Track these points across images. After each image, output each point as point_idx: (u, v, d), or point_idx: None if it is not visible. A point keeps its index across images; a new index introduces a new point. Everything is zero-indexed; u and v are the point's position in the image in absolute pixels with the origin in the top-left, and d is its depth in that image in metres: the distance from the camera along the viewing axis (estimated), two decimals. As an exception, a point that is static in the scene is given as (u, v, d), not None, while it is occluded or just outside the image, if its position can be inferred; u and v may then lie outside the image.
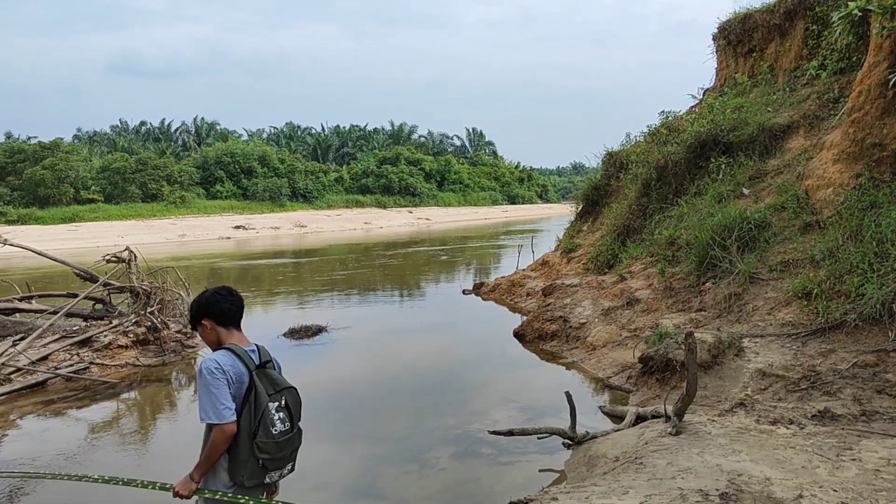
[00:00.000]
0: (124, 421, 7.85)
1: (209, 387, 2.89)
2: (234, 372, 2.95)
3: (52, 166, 52.79)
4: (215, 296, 3.18)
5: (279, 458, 3.02)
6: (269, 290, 18.53)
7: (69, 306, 10.57)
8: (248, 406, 2.93)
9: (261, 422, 2.93)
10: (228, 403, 2.89)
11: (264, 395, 2.97)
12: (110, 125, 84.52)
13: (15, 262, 19.82)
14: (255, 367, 3.02)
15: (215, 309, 3.15)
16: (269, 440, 2.96)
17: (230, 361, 2.97)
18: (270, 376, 3.08)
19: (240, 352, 3.03)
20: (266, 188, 61.17)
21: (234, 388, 2.93)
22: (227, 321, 3.15)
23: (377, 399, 8.20)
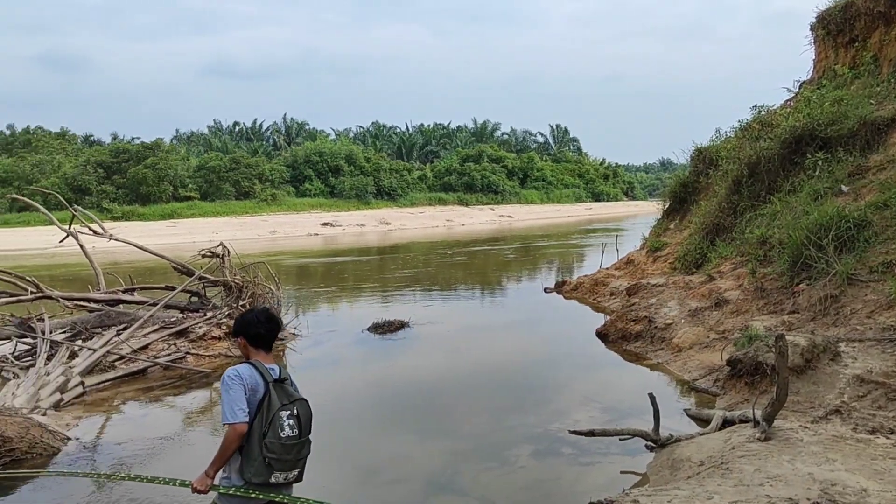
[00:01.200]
0: (217, 409, 8.20)
1: (228, 390, 3.24)
2: (250, 381, 3.28)
3: (153, 165, 55.58)
4: (255, 320, 3.50)
5: (284, 459, 3.28)
6: (354, 286, 18.94)
7: (167, 298, 11.12)
8: (261, 411, 3.25)
9: (271, 425, 3.24)
10: (243, 406, 3.22)
11: (276, 403, 3.28)
12: (206, 125, 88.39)
13: (119, 256, 21.03)
14: (272, 380, 3.34)
15: (251, 331, 3.48)
16: (277, 441, 3.24)
17: (248, 372, 3.32)
18: (286, 390, 3.40)
19: (260, 367, 3.36)
20: (352, 186, 62.46)
21: (248, 394, 3.25)
22: (258, 344, 3.48)
23: (457, 395, 8.27)
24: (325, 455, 6.32)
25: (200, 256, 11.91)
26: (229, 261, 11.67)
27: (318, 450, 6.36)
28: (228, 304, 11.13)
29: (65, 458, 6.30)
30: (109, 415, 7.71)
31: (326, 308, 15.53)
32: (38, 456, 6.20)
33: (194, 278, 11.50)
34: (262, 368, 3.36)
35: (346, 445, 6.58)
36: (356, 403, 8.00)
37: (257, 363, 3.38)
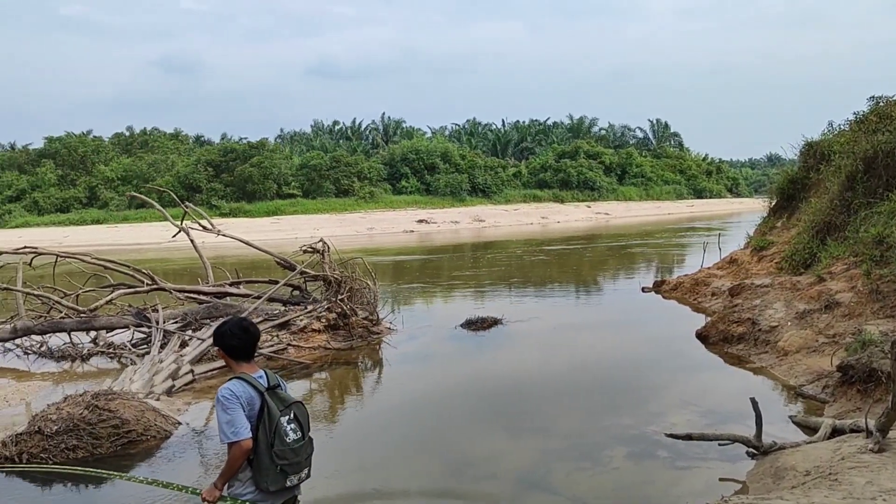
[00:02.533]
0: (316, 399, 8.50)
1: (225, 410, 3.26)
2: (245, 396, 3.31)
3: (258, 164, 57.91)
4: (229, 332, 3.50)
5: (296, 462, 3.39)
6: (448, 282, 19.11)
7: (270, 292, 11.60)
8: (262, 423, 3.31)
9: (276, 433, 3.31)
10: (244, 423, 3.26)
11: (276, 411, 3.35)
12: (308, 125, 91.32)
13: (227, 251, 22.07)
14: (264, 389, 3.38)
15: (227, 343, 3.50)
16: (286, 448, 3.33)
17: (241, 388, 3.34)
18: (279, 395, 3.45)
19: (249, 379, 3.39)
20: (447, 184, 62.96)
21: (247, 410, 3.29)
22: (235, 355, 3.51)
23: (551, 393, 8.21)
24: (418, 449, 6.45)
25: (302, 252, 12.33)
26: (329, 256, 12.02)
27: (411, 442, 6.51)
28: (328, 299, 11.47)
29: (175, 440, 6.69)
30: (214, 403, 8.11)
31: (421, 304, 15.75)
32: (152, 438, 6.61)
33: (296, 273, 11.92)
34: (252, 380, 3.39)
35: (438, 440, 6.67)
36: (449, 398, 8.08)
37: (245, 376, 3.41)
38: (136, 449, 6.37)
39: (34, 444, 6.09)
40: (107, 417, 6.45)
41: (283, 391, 3.52)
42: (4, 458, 6.04)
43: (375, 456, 6.30)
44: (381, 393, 8.78)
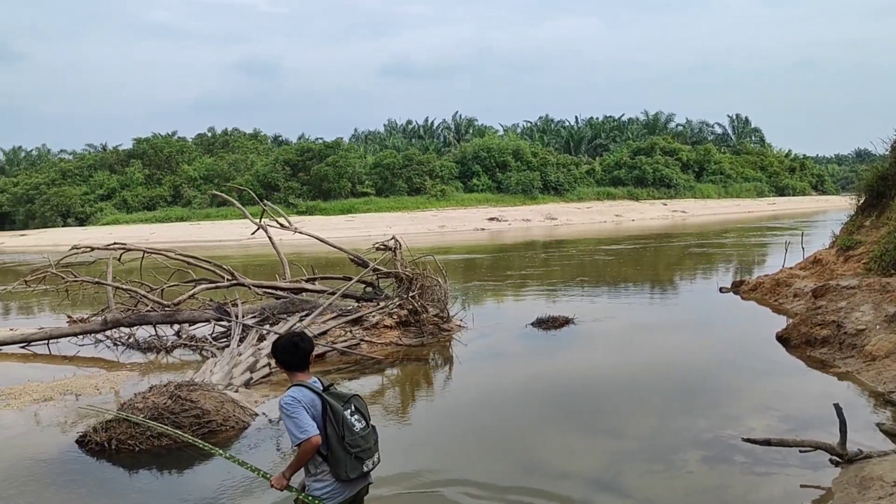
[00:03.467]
0: (388, 394, 8.64)
1: (290, 415, 3.49)
2: (307, 401, 3.55)
3: (333, 163, 59.05)
4: (281, 348, 3.76)
5: (367, 448, 3.63)
6: (519, 281, 19.04)
7: (344, 288, 11.82)
8: (328, 419, 3.55)
9: (344, 426, 3.55)
10: (310, 422, 3.49)
11: (339, 407, 3.60)
12: (382, 124, 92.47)
13: (303, 248, 22.62)
14: (320, 391, 3.63)
15: (280, 358, 3.78)
16: (356, 436, 3.58)
17: (301, 394, 3.57)
18: (336, 393, 3.71)
19: (307, 384, 3.64)
20: (519, 181, 62.67)
21: (311, 411, 3.53)
22: (289, 368, 3.75)
23: (623, 394, 8.08)
24: (489, 445, 6.46)
25: (375, 249, 12.52)
26: (401, 254, 12.16)
27: (482, 439, 6.53)
28: (399, 295, 11.61)
29: (253, 431, 6.91)
30: (292, 394, 8.33)
31: (492, 301, 15.75)
32: (231, 429, 6.85)
33: (369, 270, 12.11)
34: (309, 384, 3.64)
35: (509, 437, 6.67)
36: (520, 396, 8.06)
37: (303, 382, 3.65)
38: (215, 438, 6.60)
39: (122, 430, 6.41)
40: (189, 407, 6.73)
41: (336, 388, 3.76)
42: (95, 443, 6.38)
43: (447, 451, 6.35)
44: (452, 389, 8.84)
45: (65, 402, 8.08)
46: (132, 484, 5.83)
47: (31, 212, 63.71)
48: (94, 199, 63.14)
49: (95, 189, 63.93)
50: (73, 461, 6.22)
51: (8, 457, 6.37)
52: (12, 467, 6.13)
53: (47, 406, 7.96)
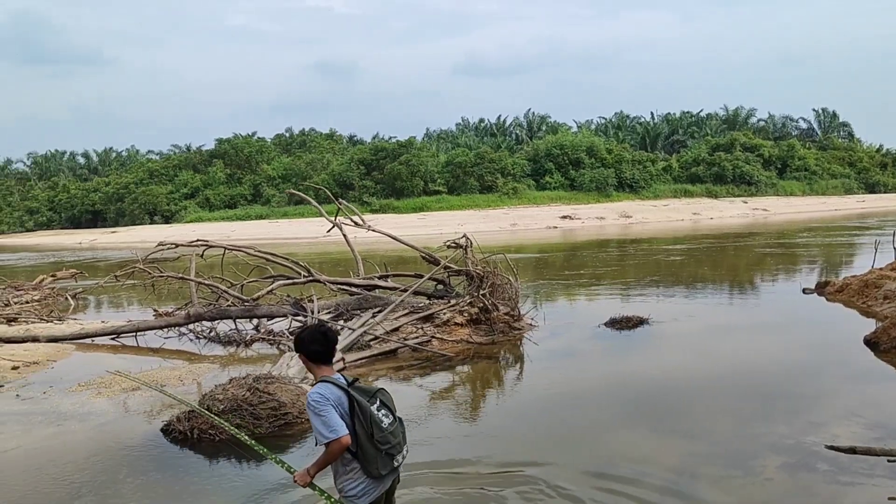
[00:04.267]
0: (458, 391, 8.68)
1: (318, 413, 3.43)
2: (333, 397, 3.48)
3: (406, 162, 59.69)
4: (309, 338, 3.68)
5: (396, 444, 3.61)
6: (592, 280, 18.79)
7: (416, 285, 11.94)
8: (356, 417, 3.49)
9: (372, 423, 3.50)
10: (338, 421, 3.43)
11: (366, 404, 3.54)
12: (455, 123, 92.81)
13: (377, 245, 22.96)
14: (346, 386, 3.57)
15: (308, 349, 3.67)
16: (385, 433, 3.54)
17: (328, 390, 3.51)
18: (362, 388, 3.64)
19: (332, 380, 3.58)
20: (593, 179, 61.79)
21: (338, 409, 3.47)
22: (316, 360, 3.67)
23: (698, 396, 7.87)
24: (560, 445, 6.41)
25: (446, 247, 12.60)
26: (472, 251, 12.20)
27: (553, 438, 6.48)
28: (470, 293, 11.65)
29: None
30: (365, 389, 8.48)
31: (564, 300, 15.61)
32: (306, 421, 7.00)
33: (440, 267, 12.20)
34: (334, 380, 3.57)
35: (580, 437, 6.60)
36: (592, 396, 7.97)
37: (328, 378, 3.59)
38: (291, 430, 6.79)
39: (203, 421, 6.67)
40: (266, 400, 6.94)
41: (361, 383, 3.71)
42: (179, 431, 6.66)
43: (516, 449, 6.34)
44: (523, 388, 8.80)
45: (151, 392, 8.46)
46: (212, 471, 6.06)
47: (121, 210, 67.05)
48: (179, 197, 65.88)
49: (180, 188, 66.70)
50: (158, 448, 6.52)
51: (101, 442, 6.72)
52: (105, 451, 6.47)
53: (134, 395, 8.35)
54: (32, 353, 10.89)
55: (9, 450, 6.61)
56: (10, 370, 9.89)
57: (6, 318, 14.23)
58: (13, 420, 7.47)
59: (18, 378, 9.52)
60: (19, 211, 74.21)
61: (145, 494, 5.53)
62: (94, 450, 6.52)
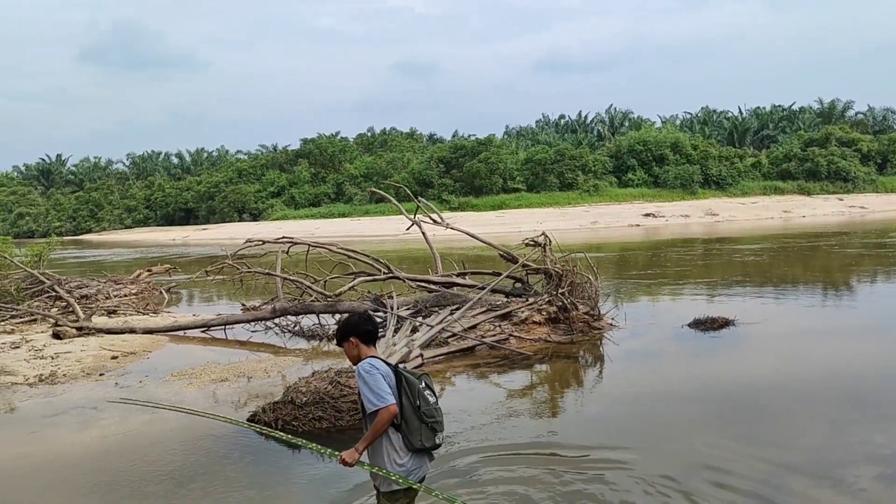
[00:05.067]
0: (537, 390, 8.64)
1: (368, 382, 3.58)
2: (383, 370, 3.65)
3: (485, 160, 59.71)
4: (361, 319, 3.90)
5: (440, 420, 3.75)
6: (675, 279, 18.33)
7: (494, 283, 11.95)
8: (403, 390, 3.65)
9: (419, 397, 3.65)
10: (387, 390, 3.57)
11: (413, 379, 3.71)
12: (535, 120, 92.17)
13: (455, 243, 23.07)
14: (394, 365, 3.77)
15: (362, 329, 3.83)
16: (430, 407, 3.69)
17: (378, 363, 3.69)
18: (408, 371, 3.81)
19: (381, 358, 3.80)
20: (677, 176, 60.13)
21: (387, 380, 3.61)
22: (368, 340, 3.83)
23: (788, 402, 7.55)
24: (639, 448, 6.28)
25: (524, 245, 12.55)
26: (550, 250, 12.11)
27: (632, 441, 6.36)
28: (549, 292, 11.57)
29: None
30: (443, 386, 8.56)
31: (646, 300, 15.28)
32: (386, 414, 7.15)
33: (518, 265, 12.16)
34: (383, 359, 3.80)
35: (660, 441, 6.46)
36: (674, 399, 7.77)
37: (376, 356, 3.77)
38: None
39: (287, 412, 6.90)
40: (347, 393, 7.11)
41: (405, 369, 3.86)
42: (263, 422, 6.90)
43: (594, 449, 6.25)
44: (603, 388, 8.68)
45: (238, 384, 8.81)
46: (294, 460, 6.27)
47: (211, 208, 69.91)
48: (266, 196, 68.12)
49: (267, 187, 68.97)
50: (244, 438, 6.77)
51: (192, 430, 7.03)
52: (196, 439, 6.78)
53: (223, 386, 8.71)
54: (130, 344, 11.51)
55: (109, 435, 7.02)
56: (109, 359, 10.49)
57: (106, 310, 15.08)
58: (113, 407, 7.91)
59: (117, 367, 10.08)
60: (119, 209, 78.51)
61: (233, 481, 5.76)
62: (187, 437, 6.84)
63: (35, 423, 7.49)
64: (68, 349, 11.02)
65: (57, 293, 15.68)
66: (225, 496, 5.47)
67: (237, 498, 5.43)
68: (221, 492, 5.55)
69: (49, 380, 9.30)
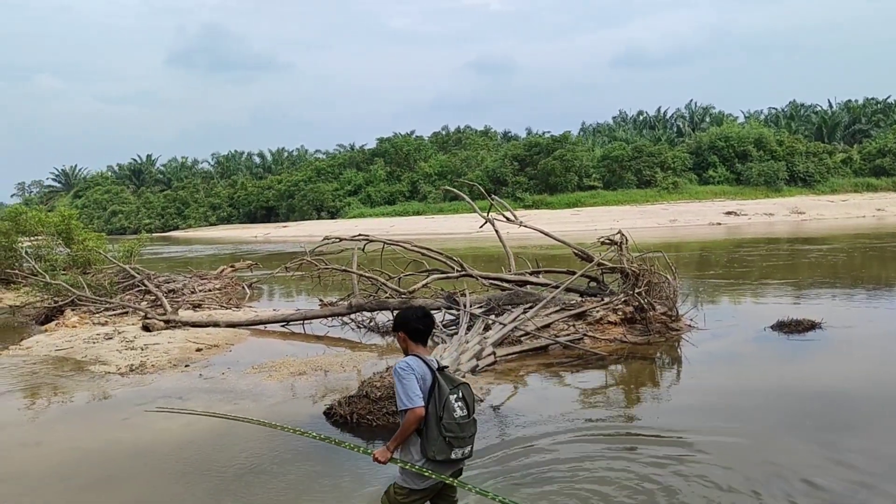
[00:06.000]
0: (612, 391, 8.49)
1: (402, 380, 3.64)
2: (420, 371, 3.69)
3: (560, 157, 59.14)
4: (415, 317, 3.89)
5: (461, 437, 3.68)
6: (758, 280, 17.69)
7: (568, 282, 11.82)
8: (433, 397, 3.65)
9: (444, 408, 3.63)
10: (418, 392, 3.62)
11: (446, 388, 3.69)
12: (612, 116, 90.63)
13: (528, 241, 22.94)
14: (436, 368, 3.76)
15: (411, 326, 3.87)
16: (452, 422, 3.64)
17: (416, 363, 3.73)
18: (448, 376, 3.82)
19: (423, 358, 3.78)
20: (761, 172, 58.06)
21: (420, 382, 3.65)
22: (416, 338, 3.86)
23: (879, 411, 7.16)
24: (717, 455, 6.10)
25: (599, 243, 12.37)
26: (627, 248, 11.89)
27: (712, 447, 6.18)
28: (625, 291, 11.37)
29: (479, 418, 7.18)
30: (516, 384, 8.54)
31: (727, 301, 14.81)
32: (458, 411, 7.18)
33: (593, 264, 12.00)
34: (426, 359, 3.77)
35: (742, 447, 6.24)
36: (755, 404, 7.50)
37: (420, 356, 3.78)
38: (443, 420, 6.97)
39: (362, 406, 7.02)
40: (420, 389, 7.17)
41: (450, 373, 3.90)
42: (339, 415, 7.06)
43: (672, 448, 6.11)
44: (680, 391, 8.46)
45: (315, 377, 9.02)
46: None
47: (291, 206, 71.83)
48: (343, 194, 69.51)
49: (344, 185, 70.38)
50: (320, 430, 6.92)
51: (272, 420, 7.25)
52: (273, 431, 6.98)
53: (301, 379, 8.94)
54: (214, 337, 11.96)
55: (194, 422, 7.32)
56: (194, 352, 10.94)
57: (192, 304, 15.73)
58: (197, 397, 8.25)
59: (201, 359, 10.50)
60: (204, 207, 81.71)
61: (308, 473, 5.91)
62: (266, 429, 7.05)
63: (126, 411, 7.89)
64: (157, 341, 11.55)
65: (146, 287, 16.45)
66: (307, 486, 5.61)
67: (314, 487, 5.56)
68: (299, 482, 5.70)
69: (139, 370, 9.76)
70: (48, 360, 10.63)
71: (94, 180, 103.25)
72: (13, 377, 9.64)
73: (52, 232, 20.83)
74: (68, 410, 8.12)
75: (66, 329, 13.13)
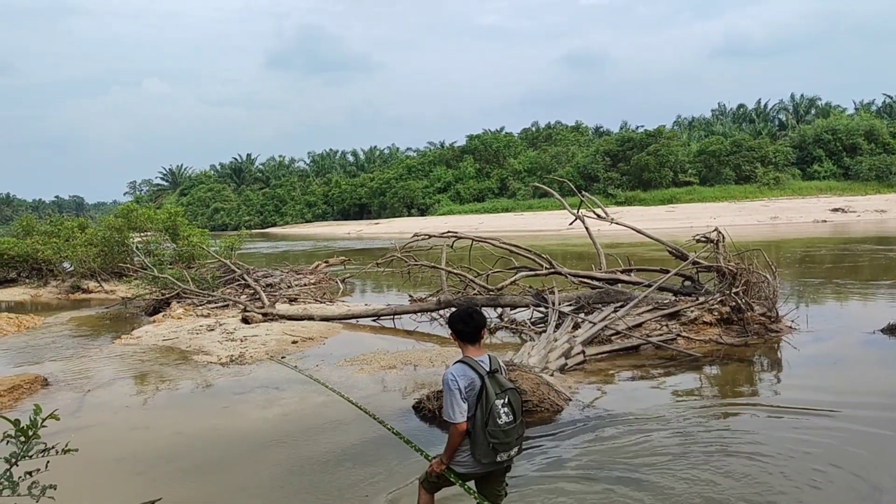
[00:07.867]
0: (706, 393, 8.23)
1: (449, 393, 3.79)
2: (464, 381, 3.80)
3: (654, 152, 57.64)
4: (457, 317, 3.99)
5: (506, 442, 3.81)
6: (868, 280, 16.71)
7: (661, 281, 11.53)
8: (480, 403, 3.77)
9: (490, 415, 3.75)
10: (462, 408, 3.77)
11: (493, 395, 3.78)
12: (710, 109, 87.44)
13: (619, 238, 22.53)
14: (486, 372, 3.83)
15: (456, 328, 3.99)
16: (497, 428, 3.77)
17: (462, 372, 3.83)
18: (498, 380, 3.88)
19: (471, 363, 3.86)
20: (872, 167, 54.67)
21: (466, 392, 3.79)
22: (462, 339, 3.97)
23: None
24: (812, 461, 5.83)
25: (695, 241, 12.01)
26: (724, 246, 11.50)
27: (805, 457, 5.90)
28: (721, 291, 10.99)
29: (566, 416, 7.13)
30: (605, 384, 8.42)
31: (832, 302, 14.07)
32: (545, 410, 7.15)
33: (687, 263, 11.66)
34: (474, 363, 3.85)
35: (839, 455, 5.93)
36: (859, 411, 7.10)
37: (468, 360, 3.87)
38: (531, 418, 6.94)
39: (450, 401, 7.10)
40: (506, 386, 7.18)
41: (502, 376, 3.95)
42: (428, 409, 7.17)
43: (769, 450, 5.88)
44: (779, 395, 8.11)
45: (405, 371, 9.19)
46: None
47: (383, 203, 73.20)
48: (433, 191, 70.22)
49: (434, 182, 71.07)
50: (409, 423, 7.07)
51: (362, 413, 7.43)
52: (365, 421, 7.10)
53: (391, 373, 9.13)
54: (308, 330, 12.37)
55: (290, 412, 7.61)
56: (290, 344, 11.34)
57: (288, 298, 16.30)
58: (292, 388, 8.56)
59: (297, 351, 10.88)
60: (300, 204, 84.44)
61: (395, 466, 6.03)
62: (358, 418, 7.23)
63: (226, 399, 8.28)
64: (255, 333, 12.05)
65: (246, 281, 17.18)
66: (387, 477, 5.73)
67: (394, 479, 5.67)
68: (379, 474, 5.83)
69: (238, 360, 10.22)
70: (156, 350, 11.29)
71: (198, 179, 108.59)
72: (126, 365, 10.30)
73: (160, 228, 22.09)
74: (174, 397, 8.60)
75: (172, 320, 13.89)
